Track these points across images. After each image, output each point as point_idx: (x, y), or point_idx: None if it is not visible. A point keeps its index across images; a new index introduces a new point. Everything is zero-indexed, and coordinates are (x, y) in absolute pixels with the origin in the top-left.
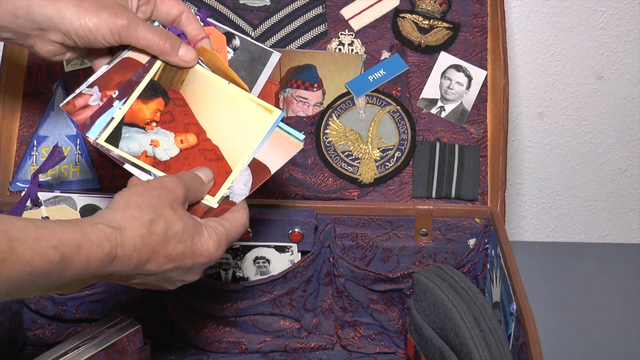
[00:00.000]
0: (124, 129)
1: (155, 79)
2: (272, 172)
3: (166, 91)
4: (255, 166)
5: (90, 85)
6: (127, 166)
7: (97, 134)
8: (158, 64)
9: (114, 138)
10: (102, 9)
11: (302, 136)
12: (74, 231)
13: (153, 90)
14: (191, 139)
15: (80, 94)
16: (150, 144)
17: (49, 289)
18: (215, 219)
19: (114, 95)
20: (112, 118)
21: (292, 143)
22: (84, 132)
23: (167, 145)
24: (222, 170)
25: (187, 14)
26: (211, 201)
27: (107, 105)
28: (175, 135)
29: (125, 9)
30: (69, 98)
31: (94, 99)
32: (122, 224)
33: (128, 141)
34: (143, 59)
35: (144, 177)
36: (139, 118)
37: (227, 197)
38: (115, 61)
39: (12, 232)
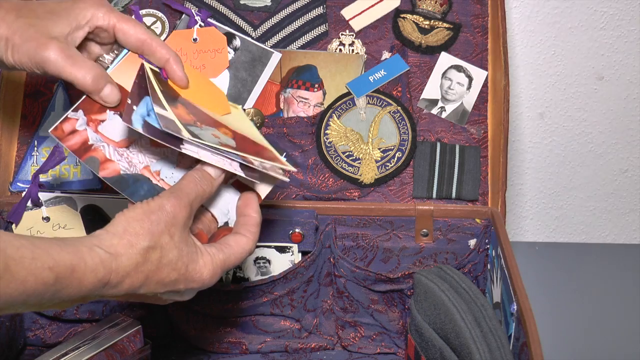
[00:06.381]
0: (188, 128)
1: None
2: (263, 197)
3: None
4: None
5: (75, 110)
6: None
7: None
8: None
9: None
10: (29, 40)
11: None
12: (70, 252)
13: (172, 100)
14: (229, 132)
15: (67, 118)
16: (214, 136)
17: (40, 307)
18: (215, 244)
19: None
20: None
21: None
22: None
23: (224, 137)
24: (263, 148)
25: (149, 44)
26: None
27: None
28: (217, 129)
29: (53, 41)
30: (57, 123)
31: (80, 123)
32: (119, 251)
33: (201, 136)
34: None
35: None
36: (186, 119)
37: (227, 223)
38: None
39: (9, 250)
